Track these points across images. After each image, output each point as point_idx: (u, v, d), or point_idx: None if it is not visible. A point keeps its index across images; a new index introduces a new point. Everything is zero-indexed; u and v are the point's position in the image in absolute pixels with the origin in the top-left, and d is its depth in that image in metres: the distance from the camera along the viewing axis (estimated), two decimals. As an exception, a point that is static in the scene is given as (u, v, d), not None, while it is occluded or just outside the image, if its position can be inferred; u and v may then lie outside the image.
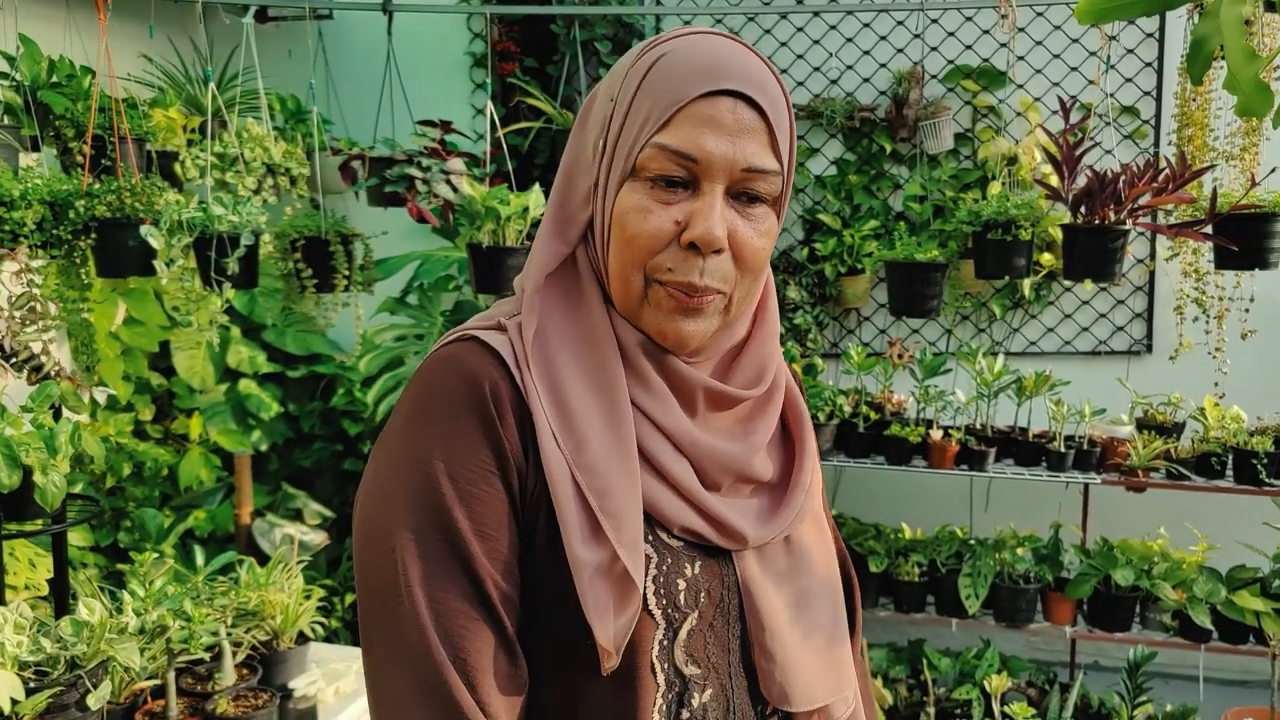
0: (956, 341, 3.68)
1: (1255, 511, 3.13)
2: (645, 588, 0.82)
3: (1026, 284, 3.44)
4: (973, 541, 3.24)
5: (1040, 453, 3.13)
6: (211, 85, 2.56)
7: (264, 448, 3.81)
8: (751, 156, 0.82)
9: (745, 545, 0.88)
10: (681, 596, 0.84)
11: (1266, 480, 2.89)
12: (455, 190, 2.40)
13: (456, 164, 2.42)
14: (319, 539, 3.17)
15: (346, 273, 2.65)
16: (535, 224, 2.61)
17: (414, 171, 2.34)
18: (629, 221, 0.83)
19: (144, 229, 2.34)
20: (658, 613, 0.83)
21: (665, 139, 0.81)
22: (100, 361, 2.96)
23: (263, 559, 2.98)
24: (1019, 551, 3.13)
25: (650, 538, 0.84)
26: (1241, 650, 2.98)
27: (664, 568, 0.84)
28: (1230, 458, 2.97)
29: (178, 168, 2.71)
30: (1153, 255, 3.45)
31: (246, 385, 3.79)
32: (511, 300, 0.93)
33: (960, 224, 2.83)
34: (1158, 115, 3.44)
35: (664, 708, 0.84)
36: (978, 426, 3.23)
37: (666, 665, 0.84)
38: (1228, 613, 2.95)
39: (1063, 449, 3.06)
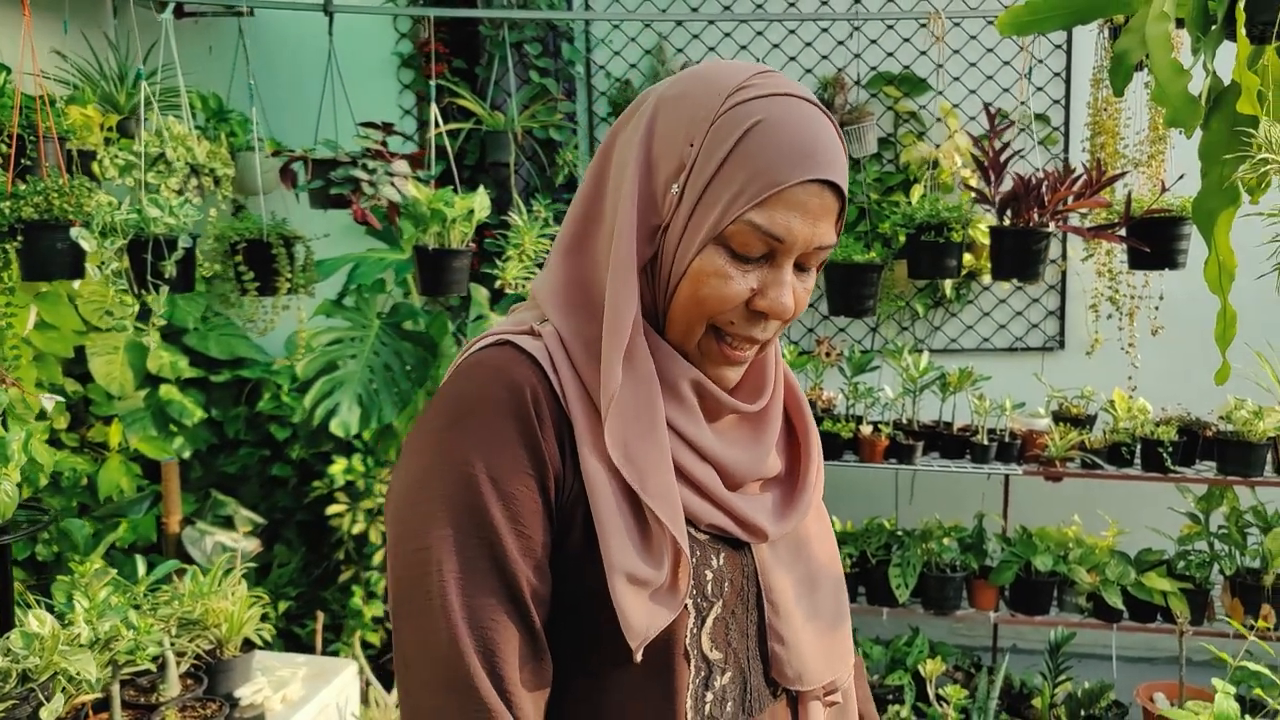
0: (882, 339, 3.81)
1: (1161, 497, 3.32)
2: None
3: (948, 283, 3.58)
4: (900, 533, 3.36)
5: (964, 445, 3.26)
6: (144, 84, 2.49)
7: (186, 455, 3.70)
8: (824, 236, 0.87)
9: (765, 539, 0.94)
10: (709, 587, 0.89)
11: (1172, 467, 3.06)
12: (400, 193, 2.39)
13: (401, 166, 2.41)
14: (251, 545, 3.11)
15: (289, 275, 2.61)
16: (481, 226, 2.62)
17: (359, 174, 2.32)
18: (709, 284, 0.86)
19: (74, 231, 2.27)
20: (689, 602, 0.88)
21: (759, 219, 0.84)
22: (14, 369, 2.85)
23: (195, 568, 2.91)
24: (945, 541, 3.25)
25: None
26: (1150, 628, 3.16)
27: (694, 560, 0.89)
28: (1139, 447, 3.14)
29: (96, 167, 2.62)
30: (1064, 255, 3.63)
31: (168, 391, 3.68)
32: (526, 307, 0.96)
33: (895, 226, 2.94)
34: (1066, 123, 3.62)
35: (693, 691, 0.89)
36: (905, 421, 3.35)
37: (695, 652, 0.89)
38: (1137, 593, 3.12)
39: (985, 441, 3.19)
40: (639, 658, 0.83)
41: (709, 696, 0.90)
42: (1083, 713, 2.97)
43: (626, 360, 0.86)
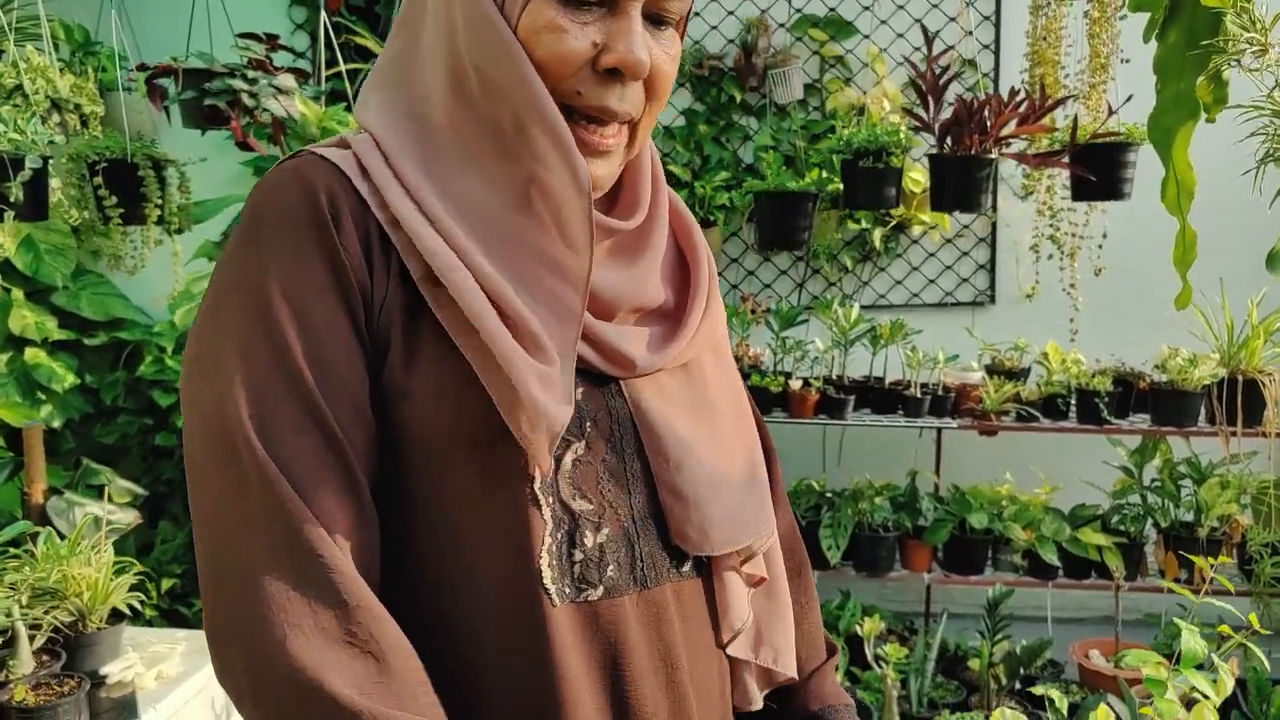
0: (809, 295, 3.66)
1: (1095, 451, 3.23)
2: None
3: (877, 234, 3.45)
4: (831, 494, 3.22)
5: (897, 400, 3.13)
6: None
7: (57, 424, 3.37)
8: None
9: (633, 370, 0.81)
10: None
11: (1107, 419, 2.97)
12: (285, 111, 2.13)
13: (287, 80, 2.15)
14: (130, 517, 2.80)
15: (159, 202, 2.32)
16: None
17: (239, 84, 2.06)
18: (542, 42, 0.74)
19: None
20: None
21: None
22: None
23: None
24: (877, 501, 3.13)
25: None
26: (1085, 585, 3.08)
27: None
28: (1074, 399, 3.05)
29: (-58, 97, 2.30)
30: (994, 207, 3.52)
31: (34, 354, 3.34)
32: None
33: (831, 152, 2.78)
34: (996, 68, 3.51)
35: (553, 548, 0.75)
36: (835, 377, 3.21)
37: (552, 499, 0.76)
38: (1073, 549, 3.04)
39: (919, 395, 3.07)
40: (545, 457, 0.72)
41: (578, 555, 0.76)
42: (1022, 670, 2.87)
43: (474, 168, 0.76)
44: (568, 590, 0.75)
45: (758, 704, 0.89)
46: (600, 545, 0.77)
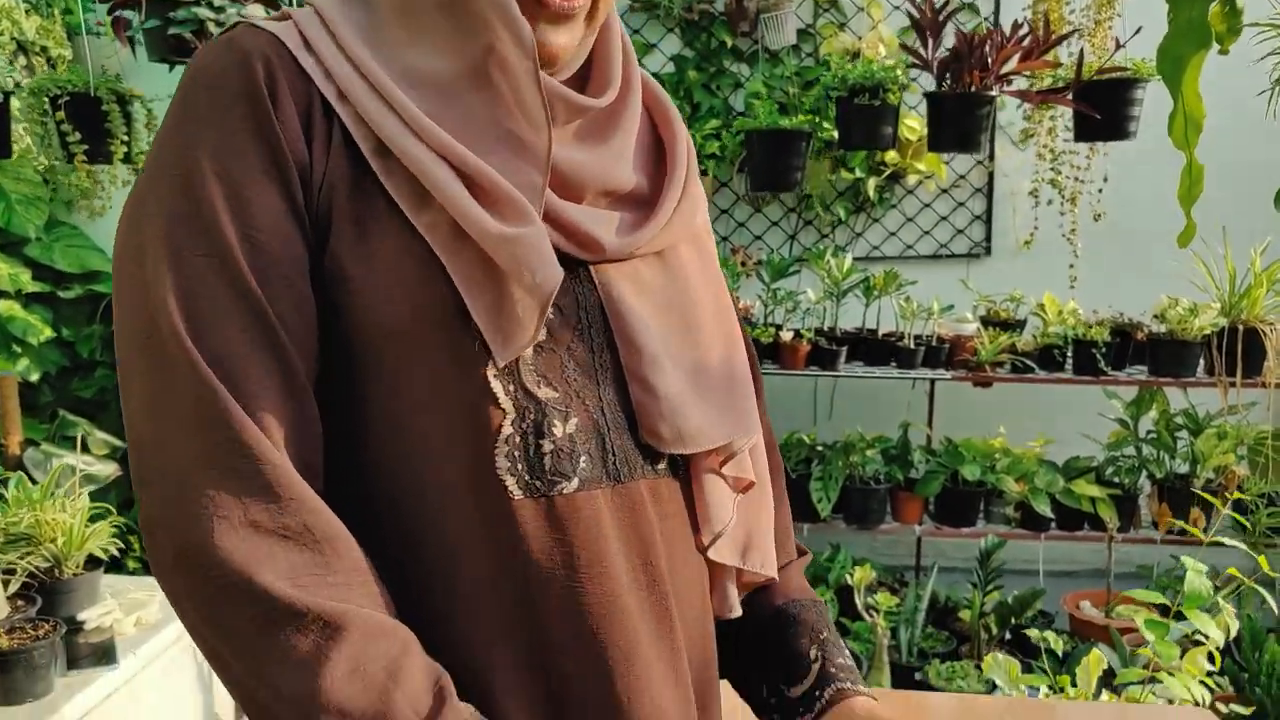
0: (801, 247, 3.60)
1: (1091, 404, 3.19)
2: None
3: (871, 183, 3.38)
4: (821, 447, 3.18)
5: (890, 352, 3.08)
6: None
7: (34, 377, 3.30)
8: None
9: (601, 254, 0.74)
10: None
11: (1104, 369, 2.93)
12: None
13: (256, 9, 2.06)
14: (109, 469, 2.74)
15: (125, 139, 2.24)
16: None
17: (204, 12, 1.97)
18: None
19: None
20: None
21: None
22: None
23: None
24: (869, 453, 3.09)
25: None
26: (1078, 536, 3.05)
27: None
28: (1071, 350, 3.00)
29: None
30: (992, 156, 3.46)
31: (9, 306, 3.27)
32: None
33: (826, 91, 2.70)
34: (996, 11, 3.42)
35: (516, 438, 0.70)
36: (827, 329, 3.15)
37: (514, 387, 0.70)
38: (1066, 501, 3.00)
39: (912, 346, 3.02)
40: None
41: (547, 446, 0.70)
42: (1013, 620, 2.85)
43: (425, 38, 0.71)
44: (539, 484, 0.70)
45: (736, 611, 0.84)
46: (570, 436, 0.71)
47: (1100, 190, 2.75)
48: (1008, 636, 2.91)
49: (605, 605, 0.71)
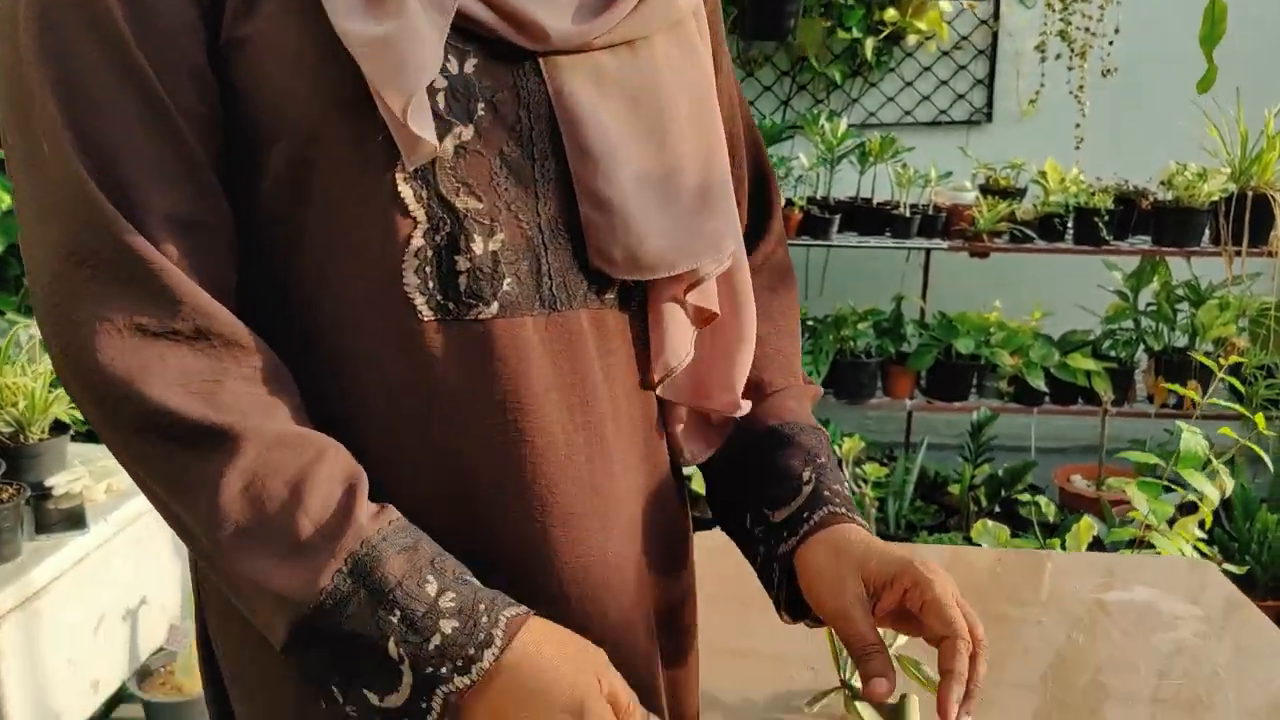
0: (794, 114, 3.45)
1: (1090, 276, 3.10)
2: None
3: (869, 45, 3.21)
4: (812, 321, 3.10)
5: (885, 221, 2.98)
6: None
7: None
8: None
9: (547, 42, 0.62)
10: (442, 99, 0.60)
11: (1106, 239, 2.83)
12: None
13: None
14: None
15: None
16: None
17: None
18: None
19: None
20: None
21: None
22: None
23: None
24: (860, 327, 3.02)
25: None
26: (1072, 410, 3.00)
27: None
28: (1072, 219, 2.89)
29: None
30: (996, 14, 3.28)
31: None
32: None
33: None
34: None
35: (429, 252, 0.62)
36: (819, 197, 3.04)
37: (426, 192, 0.61)
38: (1060, 375, 2.94)
39: (908, 215, 2.91)
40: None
41: (462, 264, 0.62)
42: (1003, 493, 2.82)
43: None
44: (452, 306, 0.62)
45: (698, 459, 0.77)
46: (493, 254, 0.63)
47: (1111, 43, 2.60)
48: (997, 509, 2.88)
49: (530, 448, 0.64)
